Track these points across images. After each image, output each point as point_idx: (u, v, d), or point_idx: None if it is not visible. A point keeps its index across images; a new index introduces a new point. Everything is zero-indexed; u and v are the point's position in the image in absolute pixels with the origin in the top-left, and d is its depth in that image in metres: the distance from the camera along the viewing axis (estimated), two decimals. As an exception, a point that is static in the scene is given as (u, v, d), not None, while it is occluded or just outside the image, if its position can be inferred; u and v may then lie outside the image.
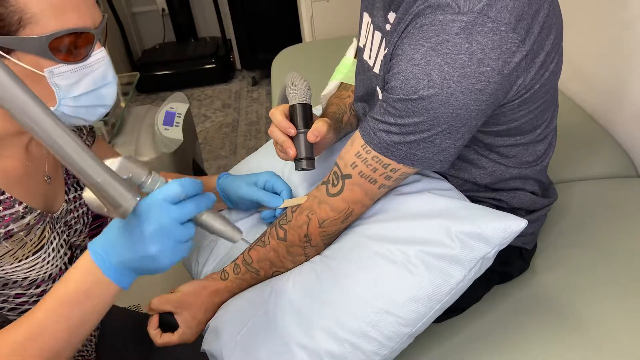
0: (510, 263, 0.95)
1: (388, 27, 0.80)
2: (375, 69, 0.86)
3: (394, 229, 0.79)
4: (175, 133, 1.82)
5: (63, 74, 0.68)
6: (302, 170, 0.88)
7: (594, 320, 0.87)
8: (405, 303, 0.74)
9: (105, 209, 0.55)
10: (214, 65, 3.40)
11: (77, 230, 0.86)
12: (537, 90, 0.73)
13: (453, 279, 0.74)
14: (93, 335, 0.97)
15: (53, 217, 0.80)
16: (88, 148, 0.52)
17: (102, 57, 0.72)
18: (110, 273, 0.62)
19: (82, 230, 0.87)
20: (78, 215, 0.86)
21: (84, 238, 0.88)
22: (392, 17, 0.78)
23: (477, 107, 0.67)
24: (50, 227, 0.79)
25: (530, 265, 1.00)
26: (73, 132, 0.52)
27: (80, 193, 0.87)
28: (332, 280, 0.80)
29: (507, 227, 0.73)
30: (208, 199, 0.63)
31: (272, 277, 0.90)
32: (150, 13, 3.54)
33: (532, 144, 0.84)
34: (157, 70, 3.37)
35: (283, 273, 0.89)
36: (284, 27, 3.18)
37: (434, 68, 0.65)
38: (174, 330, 0.88)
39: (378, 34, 0.84)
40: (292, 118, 0.89)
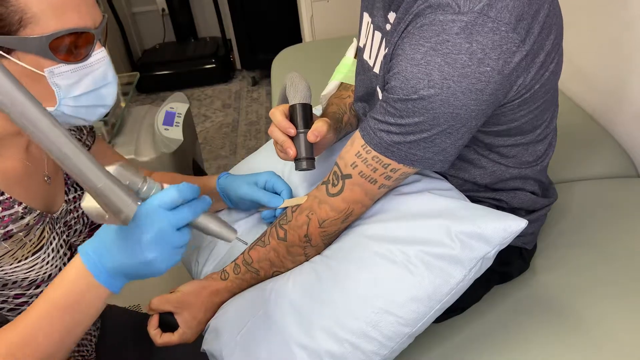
0: (510, 263, 0.95)
1: (388, 27, 0.80)
2: (376, 69, 0.86)
3: (394, 229, 0.79)
4: (175, 133, 1.82)
5: (63, 74, 0.68)
6: (302, 170, 0.88)
7: (594, 320, 0.87)
8: (406, 303, 0.74)
9: (106, 216, 0.55)
10: (214, 65, 3.39)
11: (76, 231, 0.86)
12: (537, 90, 0.73)
13: (453, 279, 0.74)
14: (93, 335, 0.97)
15: (53, 217, 0.80)
16: (88, 153, 0.52)
17: (102, 57, 0.72)
18: (102, 278, 0.61)
19: (82, 231, 0.87)
20: (78, 216, 0.86)
21: (84, 238, 0.88)
22: (392, 17, 0.78)
23: (477, 107, 0.67)
24: (50, 227, 0.79)
25: (530, 265, 1.00)
26: (73, 136, 0.51)
27: (81, 193, 0.87)
28: (332, 280, 0.80)
29: (507, 227, 0.73)
30: (204, 203, 0.63)
31: (272, 277, 0.90)
32: (150, 13, 3.54)
33: (532, 144, 0.84)
34: (157, 70, 3.37)
35: (283, 273, 0.89)
36: (284, 27, 3.18)
37: (434, 68, 0.65)
38: (174, 330, 0.88)
39: (378, 34, 0.84)
40: (292, 118, 0.89)
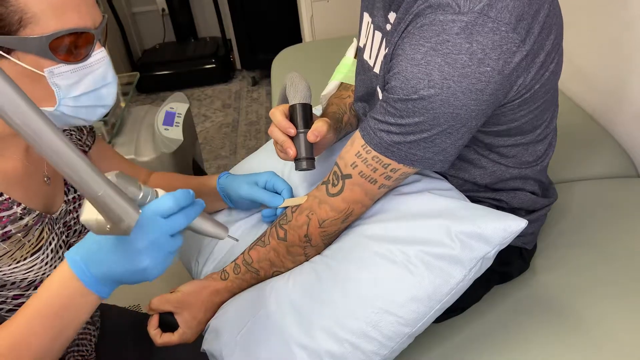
0: (510, 263, 0.95)
1: (388, 27, 0.80)
2: (376, 69, 0.86)
3: (394, 229, 0.79)
4: (175, 133, 1.82)
5: (63, 74, 0.68)
6: (302, 170, 0.88)
7: (594, 320, 0.87)
8: (406, 303, 0.74)
9: (107, 227, 0.54)
10: (214, 65, 3.39)
11: (76, 231, 0.86)
12: (537, 90, 0.73)
13: (453, 279, 0.74)
14: (93, 335, 0.97)
15: (52, 218, 0.80)
16: (89, 160, 0.51)
17: (102, 57, 0.72)
18: (92, 284, 0.61)
19: (81, 231, 0.87)
20: (77, 216, 0.86)
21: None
22: (392, 17, 0.78)
23: (477, 107, 0.67)
24: (49, 228, 0.79)
25: (530, 265, 1.00)
26: (73, 143, 0.50)
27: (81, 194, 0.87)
28: (332, 280, 0.80)
29: (507, 227, 0.73)
30: (198, 208, 0.63)
31: (272, 277, 0.90)
32: (150, 13, 3.54)
33: (532, 144, 0.84)
34: (157, 70, 3.37)
35: (283, 273, 0.89)
36: (284, 27, 3.18)
37: (435, 68, 0.65)
38: (174, 330, 0.88)
39: (378, 34, 0.84)
40: (292, 118, 0.89)
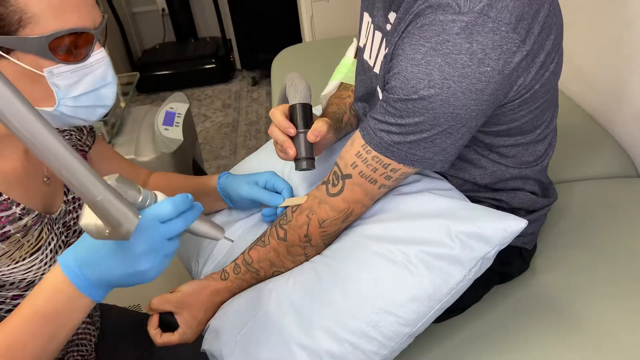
0: (510, 263, 0.95)
1: (388, 27, 0.80)
2: (376, 69, 0.86)
3: (394, 229, 0.79)
4: (175, 133, 1.82)
5: (62, 74, 0.68)
6: (302, 170, 0.88)
7: (594, 320, 0.87)
8: (405, 303, 0.74)
9: (107, 232, 0.53)
10: (214, 65, 3.39)
11: (75, 231, 0.86)
12: (537, 90, 0.72)
13: (453, 279, 0.74)
14: (93, 335, 0.97)
15: (51, 218, 0.80)
16: (88, 164, 0.50)
17: (101, 57, 0.72)
18: (85, 288, 0.61)
19: (80, 231, 0.87)
20: (77, 216, 0.86)
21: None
22: (392, 17, 0.78)
23: (477, 107, 0.67)
24: (49, 228, 0.79)
25: (530, 265, 1.00)
26: (72, 147, 0.50)
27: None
28: (332, 280, 0.80)
29: (507, 227, 0.73)
30: (197, 211, 0.63)
31: (272, 277, 0.90)
32: (150, 13, 3.54)
33: (532, 144, 0.84)
34: (157, 70, 3.37)
35: (283, 273, 0.89)
36: (284, 27, 3.18)
37: (435, 68, 0.65)
38: (174, 330, 0.88)
39: (378, 34, 0.84)
40: (292, 118, 0.89)
